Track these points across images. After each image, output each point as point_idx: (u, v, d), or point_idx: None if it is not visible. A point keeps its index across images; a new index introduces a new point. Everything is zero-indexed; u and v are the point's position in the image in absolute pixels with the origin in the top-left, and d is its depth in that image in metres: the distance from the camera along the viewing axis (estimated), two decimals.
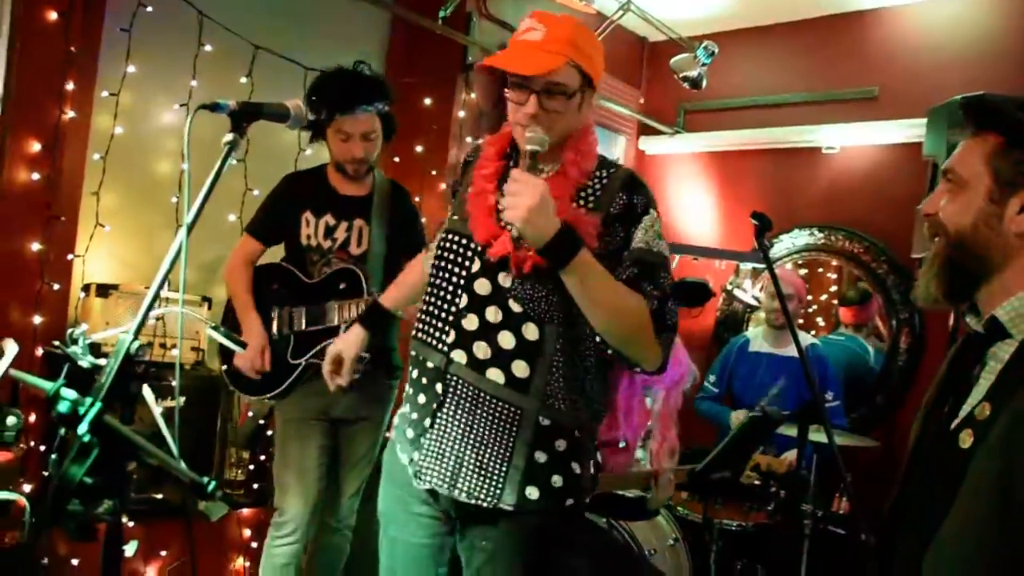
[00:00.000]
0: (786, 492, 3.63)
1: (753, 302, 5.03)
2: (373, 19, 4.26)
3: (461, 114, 4.36)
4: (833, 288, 4.92)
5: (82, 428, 1.17)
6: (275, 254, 3.12)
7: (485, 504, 1.80)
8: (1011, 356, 1.28)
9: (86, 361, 2.24)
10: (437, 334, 1.85)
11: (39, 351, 3.08)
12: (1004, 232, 1.31)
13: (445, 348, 1.83)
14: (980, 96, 1.39)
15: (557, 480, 1.81)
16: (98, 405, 1.19)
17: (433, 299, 1.89)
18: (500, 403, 1.78)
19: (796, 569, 3.26)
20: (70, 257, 3.23)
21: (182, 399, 3.39)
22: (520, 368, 1.77)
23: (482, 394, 1.79)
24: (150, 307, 1.54)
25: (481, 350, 1.79)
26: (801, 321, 4.60)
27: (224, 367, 3.05)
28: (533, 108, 1.74)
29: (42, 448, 3.03)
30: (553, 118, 1.76)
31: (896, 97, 4.53)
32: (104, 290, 3.29)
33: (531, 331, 1.78)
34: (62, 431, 1.30)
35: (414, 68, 4.36)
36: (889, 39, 4.61)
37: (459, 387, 1.81)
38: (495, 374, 1.78)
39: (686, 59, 4.09)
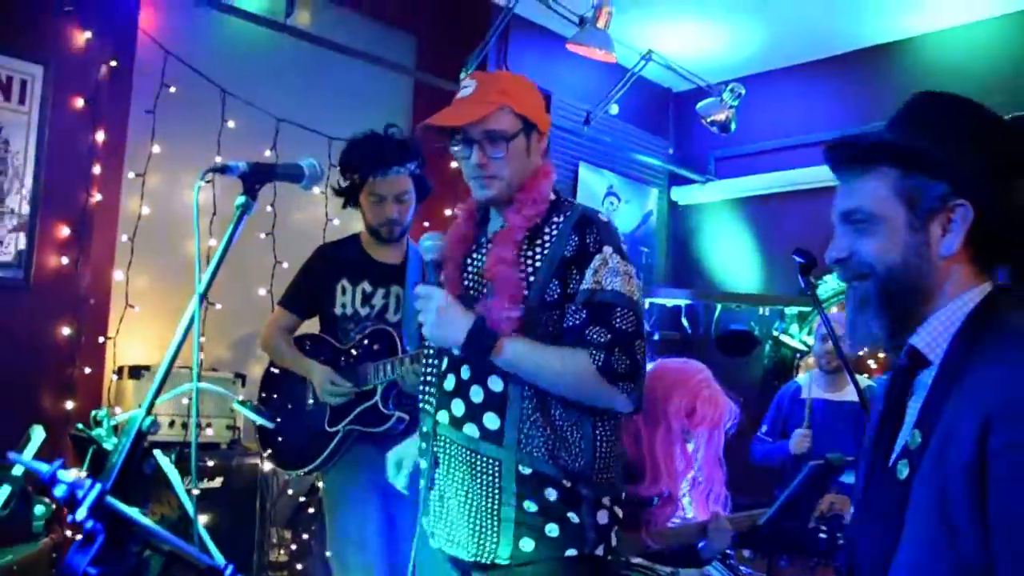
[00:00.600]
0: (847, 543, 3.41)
1: (802, 347, 4.85)
2: (396, 85, 4.28)
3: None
4: None
5: (81, 513, 1.08)
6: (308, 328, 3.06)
7: (483, 560, 1.79)
8: (932, 381, 1.25)
9: (110, 443, 2.18)
10: (427, 398, 1.91)
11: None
12: (932, 258, 1.28)
13: (432, 410, 1.87)
14: (852, 136, 1.37)
15: (552, 529, 1.77)
16: (97, 487, 1.10)
17: (425, 365, 1.95)
18: (479, 457, 1.80)
19: None
20: (101, 340, 3.20)
21: (217, 482, 3.31)
22: (491, 420, 1.79)
23: (464, 450, 1.81)
24: (163, 380, 1.47)
25: (458, 407, 1.82)
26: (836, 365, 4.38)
27: (266, 449, 2.97)
28: (478, 158, 1.79)
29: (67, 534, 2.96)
30: (499, 165, 1.80)
31: None
32: (136, 372, 3.25)
33: (496, 383, 1.79)
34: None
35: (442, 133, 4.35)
36: (920, 68, 4.51)
37: (446, 447, 1.84)
38: (471, 429, 1.80)
39: (713, 103, 4.03)
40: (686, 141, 5.53)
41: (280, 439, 2.95)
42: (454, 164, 4.20)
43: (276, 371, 3.00)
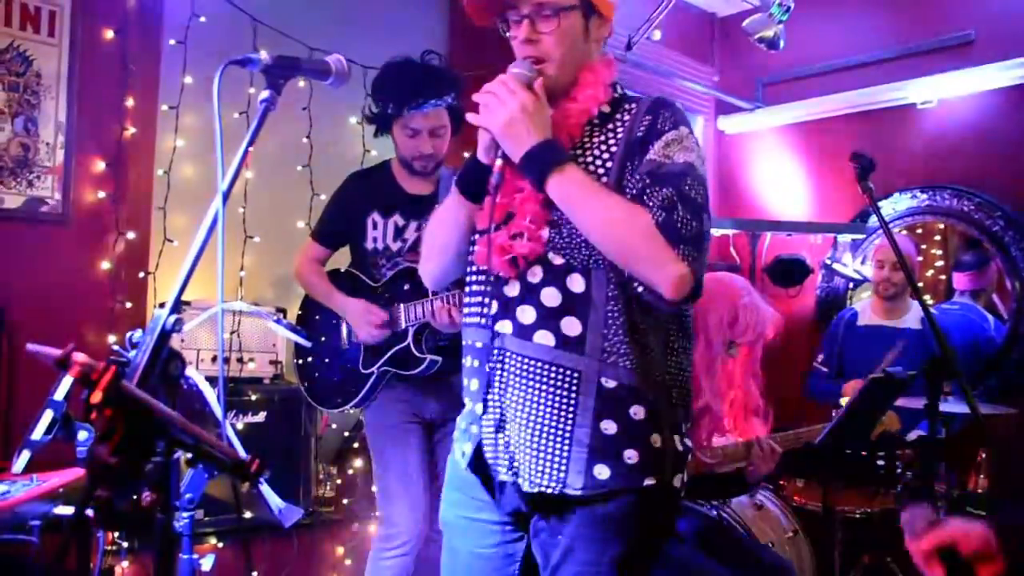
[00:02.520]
0: (914, 471, 3.30)
1: (856, 276, 4.68)
2: (432, 12, 4.16)
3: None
4: (938, 252, 4.56)
5: (95, 397, 1.02)
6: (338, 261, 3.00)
7: (549, 491, 1.59)
8: None
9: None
10: (480, 310, 1.68)
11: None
12: None
13: (488, 322, 1.65)
14: None
15: (631, 455, 1.57)
16: (112, 368, 1.05)
17: (473, 275, 1.74)
18: (553, 369, 1.58)
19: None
20: (142, 275, 3.19)
21: (261, 416, 3.30)
22: (571, 325, 1.58)
23: (532, 363, 1.60)
24: (188, 277, 1.42)
25: (526, 314, 1.61)
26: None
27: (304, 384, 2.94)
28: (526, 32, 1.63)
29: None
30: (549, 43, 1.63)
31: (995, 39, 4.15)
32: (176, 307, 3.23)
33: (577, 282, 1.59)
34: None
35: (477, 61, 4.23)
36: None
37: (507, 361, 1.62)
38: (544, 336, 1.59)
39: (760, 19, 3.83)
40: (732, 68, 5.32)
41: (316, 375, 2.92)
42: None
43: (310, 306, 2.96)
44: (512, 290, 1.63)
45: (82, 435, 2.42)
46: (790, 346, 4.67)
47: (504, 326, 1.63)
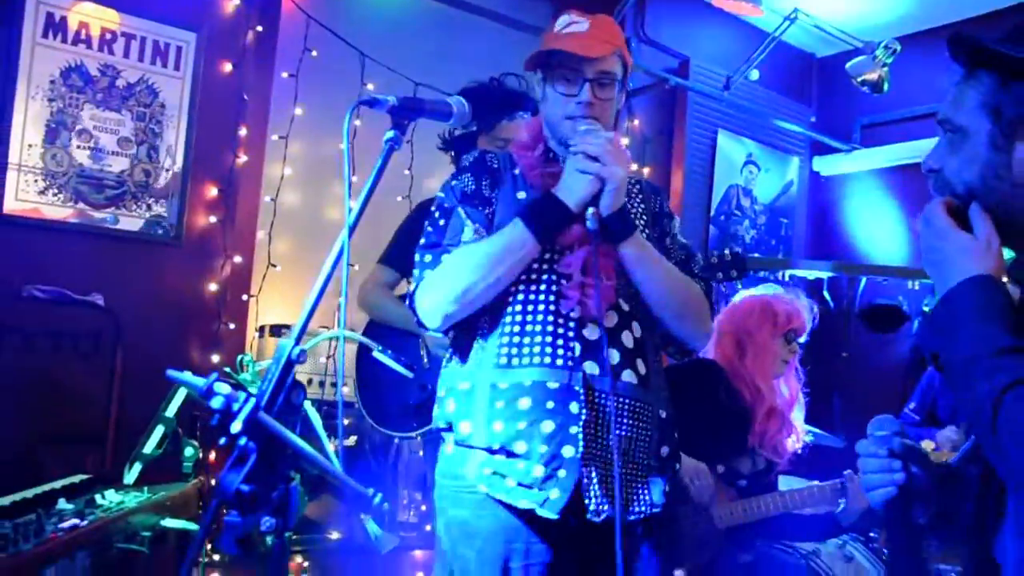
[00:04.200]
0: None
1: None
2: (526, 46, 4.23)
3: (625, 141, 4.23)
4: None
5: (235, 426, 1.08)
6: None
7: (643, 515, 1.73)
8: None
9: (255, 388, 2.23)
10: (551, 351, 1.67)
11: None
12: (1015, 181, 1.11)
13: (570, 363, 1.66)
14: (959, 32, 1.22)
15: (669, 478, 1.81)
16: (252, 400, 1.10)
17: (527, 316, 1.71)
18: (636, 404, 1.73)
19: None
20: (245, 297, 3.31)
21: (352, 440, 3.37)
22: (641, 366, 1.75)
23: (622, 400, 1.70)
24: (312, 310, 1.47)
25: (613, 356, 1.71)
26: None
27: (370, 410, 2.87)
28: (589, 96, 1.73)
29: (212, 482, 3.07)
30: (605, 108, 1.76)
31: None
32: (277, 330, 3.34)
33: (637, 328, 1.77)
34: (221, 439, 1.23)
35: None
36: None
37: (597, 399, 1.67)
38: (629, 375, 1.73)
39: (864, 61, 3.80)
40: (830, 108, 5.25)
41: (387, 400, 2.83)
42: None
43: (375, 332, 2.86)
44: (592, 334, 1.69)
45: (188, 451, 2.53)
46: (882, 391, 4.59)
47: (591, 367, 1.67)
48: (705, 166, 4.73)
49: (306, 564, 3.15)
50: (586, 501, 1.64)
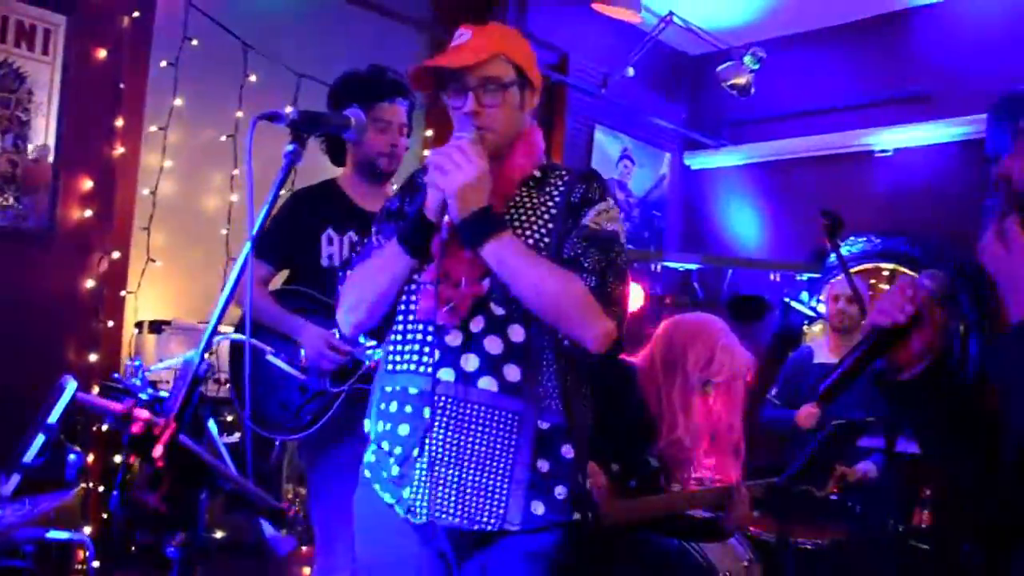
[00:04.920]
0: (864, 506, 3.47)
1: (811, 313, 4.88)
2: (412, 41, 4.25)
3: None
4: None
5: (157, 451, 1.10)
6: None
7: (490, 527, 1.68)
8: None
9: (145, 394, 2.20)
10: (418, 358, 1.75)
11: (95, 388, 3.05)
12: None
13: (429, 370, 1.72)
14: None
15: (561, 491, 1.70)
16: (173, 426, 1.12)
17: (408, 326, 1.79)
18: (496, 412, 1.68)
19: None
20: (123, 294, 3.21)
21: (236, 436, 3.33)
22: (512, 372, 1.69)
23: (475, 408, 1.69)
24: (215, 326, 1.48)
25: (470, 362, 1.70)
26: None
27: (252, 413, 2.81)
28: (472, 105, 1.72)
29: (101, 489, 2.99)
30: (493, 115, 1.73)
31: (950, 96, 4.39)
32: (157, 326, 3.27)
33: (517, 332, 1.71)
34: (121, 458, 1.23)
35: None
36: (940, 37, 4.49)
37: (448, 406, 1.70)
38: (487, 383, 1.68)
39: (733, 67, 4.01)
40: (701, 106, 5.51)
41: (267, 402, 2.70)
42: None
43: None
44: (454, 339, 1.71)
45: (71, 458, 2.46)
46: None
47: (446, 373, 1.70)
48: (582, 160, 4.88)
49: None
50: (423, 503, 1.70)
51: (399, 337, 1.79)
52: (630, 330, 4.54)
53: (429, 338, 1.74)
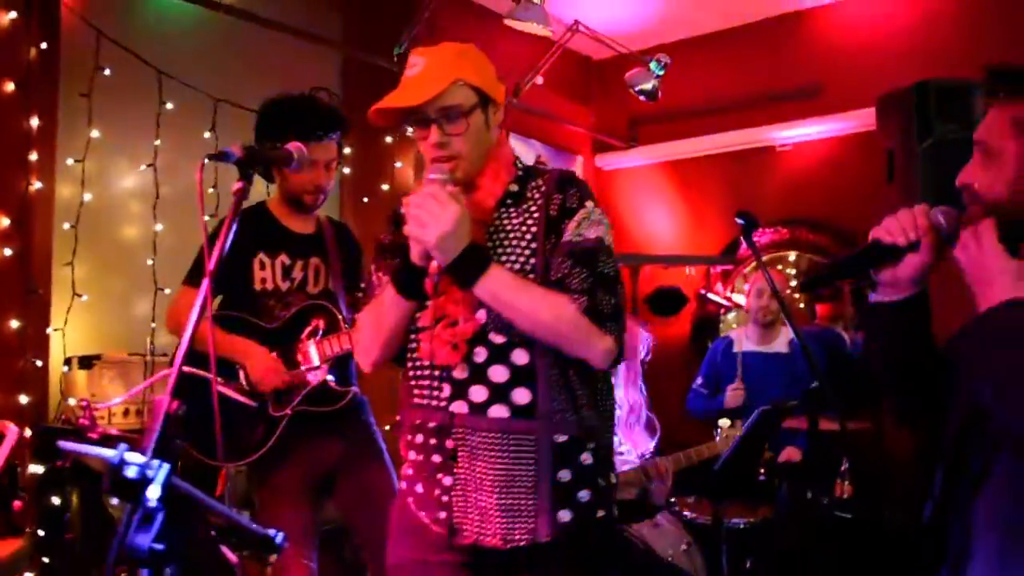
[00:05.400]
0: (789, 483, 3.67)
1: (726, 303, 5.11)
2: (327, 60, 4.27)
3: None
4: (794, 284, 5.04)
5: (154, 492, 1.14)
6: None
7: (523, 543, 1.75)
8: None
9: (95, 433, 2.19)
10: (431, 392, 1.82)
11: (27, 431, 2.98)
12: None
13: (443, 404, 1.79)
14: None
15: (584, 495, 1.79)
16: (167, 467, 1.16)
17: (417, 365, 1.87)
18: (511, 437, 1.75)
19: (806, 557, 3.31)
20: (49, 331, 3.15)
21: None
22: (521, 396, 1.76)
23: (491, 435, 1.76)
24: (182, 364, 1.50)
25: (478, 394, 1.76)
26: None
27: (192, 440, 2.78)
28: (436, 137, 1.74)
29: (41, 533, 2.92)
30: (460, 142, 1.75)
31: (842, 90, 4.67)
32: (87, 362, 3.21)
33: (521, 356, 1.76)
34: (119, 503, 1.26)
35: (370, 105, 4.37)
36: (830, 35, 4.77)
37: (467, 437, 1.77)
38: (498, 411, 1.75)
39: (640, 73, 4.17)
40: (607, 108, 5.68)
41: (208, 429, 2.66)
42: (388, 138, 4.27)
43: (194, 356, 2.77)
44: (461, 373, 1.77)
45: (17, 504, 2.42)
46: (669, 369, 5.07)
47: (459, 407, 1.77)
48: None
49: None
50: (463, 527, 1.79)
51: (412, 373, 1.87)
52: None
53: (437, 372, 1.80)
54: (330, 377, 2.74)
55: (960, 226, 1.41)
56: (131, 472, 1.16)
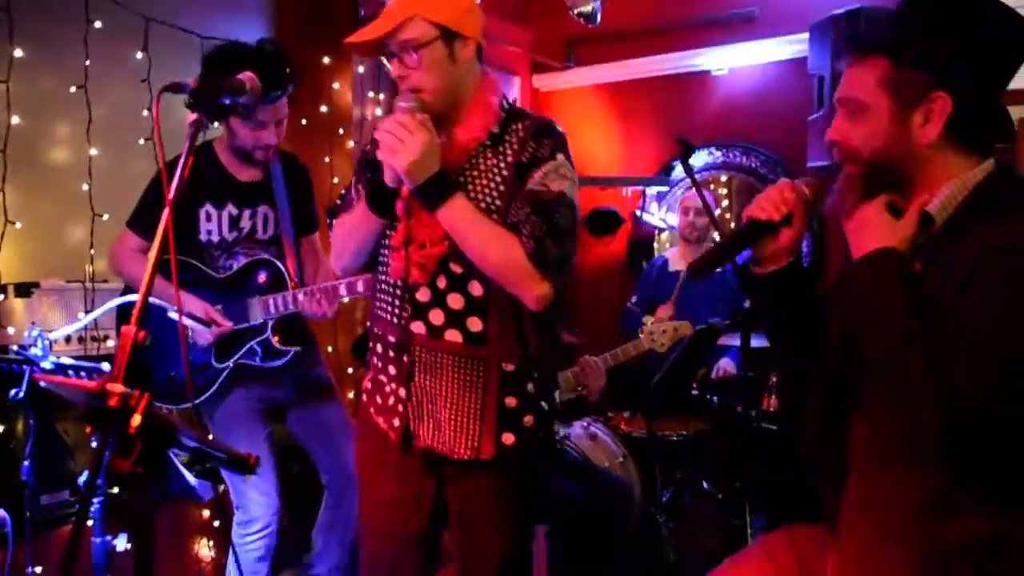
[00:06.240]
0: (719, 398, 3.87)
1: (661, 224, 5.24)
2: None
3: (360, 69, 4.32)
4: (725, 204, 5.18)
5: (136, 420, 1.18)
6: None
7: (467, 457, 1.93)
8: (937, 233, 1.45)
9: (48, 362, 2.19)
10: (395, 310, 1.97)
11: None
12: (914, 144, 1.45)
13: (404, 322, 1.94)
14: (856, 21, 1.57)
15: (529, 420, 1.96)
16: (147, 395, 1.21)
17: (385, 283, 2.00)
18: (463, 360, 1.90)
19: (734, 466, 3.52)
20: None
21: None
22: (475, 324, 1.90)
23: (446, 356, 1.91)
24: (146, 294, 1.52)
25: (437, 317, 1.91)
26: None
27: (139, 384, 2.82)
28: (396, 70, 1.84)
29: None
30: (420, 76, 1.82)
31: (776, 16, 4.73)
32: (24, 289, 3.16)
33: (476, 287, 1.89)
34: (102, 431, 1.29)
35: (306, 25, 4.27)
36: None
37: (423, 355, 1.93)
38: (453, 335, 1.90)
39: None
40: (545, 28, 5.64)
41: (155, 372, 2.75)
42: (326, 59, 4.19)
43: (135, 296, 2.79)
44: (423, 296, 1.92)
45: None
46: (605, 287, 5.21)
47: (418, 327, 1.93)
48: None
49: None
50: (417, 432, 1.98)
51: (379, 289, 2.02)
52: None
53: (400, 292, 1.94)
54: (272, 336, 2.77)
55: (831, 187, 1.55)
56: (113, 402, 1.20)
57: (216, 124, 2.83)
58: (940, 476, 1.37)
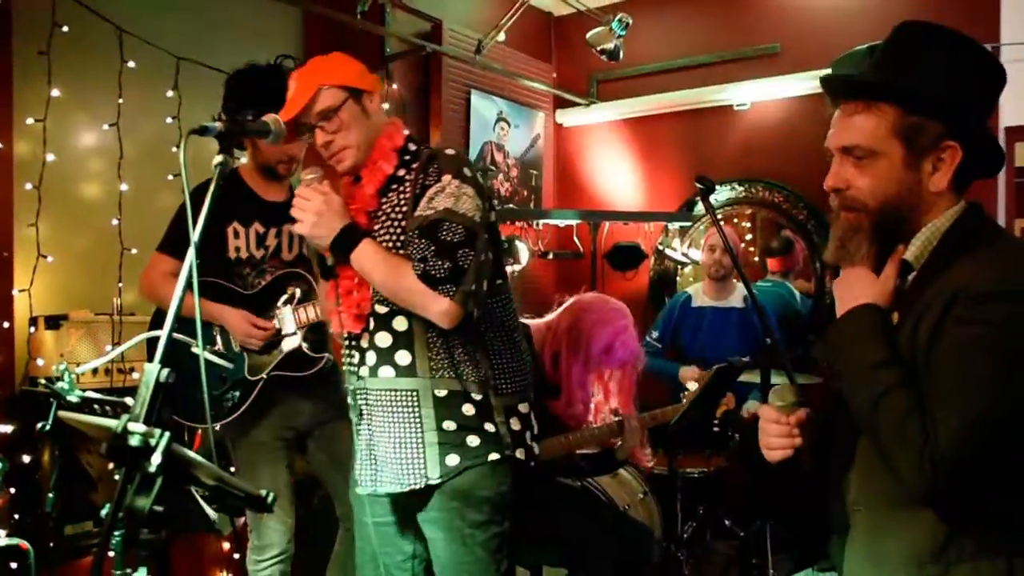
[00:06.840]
0: (741, 434, 3.84)
1: (683, 260, 5.23)
2: (288, 17, 4.24)
3: (385, 106, 4.39)
4: (749, 237, 5.17)
5: (156, 459, 1.21)
6: None
7: (418, 486, 2.01)
8: (912, 279, 1.45)
9: (74, 395, 2.23)
10: (350, 361, 2.13)
11: None
12: (922, 192, 1.43)
13: (355, 369, 2.10)
14: (855, 75, 1.54)
15: (473, 440, 2.01)
16: (167, 436, 1.23)
17: (347, 334, 2.15)
18: (397, 394, 2.02)
19: (752, 502, 3.49)
20: (15, 292, 3.15)
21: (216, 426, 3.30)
22: (403, 357, 2.02)
23: (383, 393, 2.05)
24: (172, 331, 1.56)
25: (372, 358, 2.05)
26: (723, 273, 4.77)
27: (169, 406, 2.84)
28: (320, 138, 2.03)
29: (12, 492, 2.95)
30: (342, 137, 2.02)
31: (798, 51, 4.76)
32: (54, 322, 3.22)
33: (400, 323, 2.02)
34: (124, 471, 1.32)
35: None
36: None
37: (368, 397, 2.08)
38: (386, 371, 2.03)
39: (602, 32, 4.21)
40: (568, 65, 5.71)
41: (186, 392, 2.77)
42: None
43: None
44: (364, 342, 2.07)
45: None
46: None
47: (364, 371, 2.07)
48: (461, 125, 5.01)
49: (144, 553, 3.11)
50: (360, 477, 2.14)
51: (341, 342, 2.17)
52: (525, 287, 4.87)
53: (352, 342, 2.11)
54: (304, 344, 2.81)
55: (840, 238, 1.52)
56: (135, 441, 1.22)
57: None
58: (940, 524, 1.35)
